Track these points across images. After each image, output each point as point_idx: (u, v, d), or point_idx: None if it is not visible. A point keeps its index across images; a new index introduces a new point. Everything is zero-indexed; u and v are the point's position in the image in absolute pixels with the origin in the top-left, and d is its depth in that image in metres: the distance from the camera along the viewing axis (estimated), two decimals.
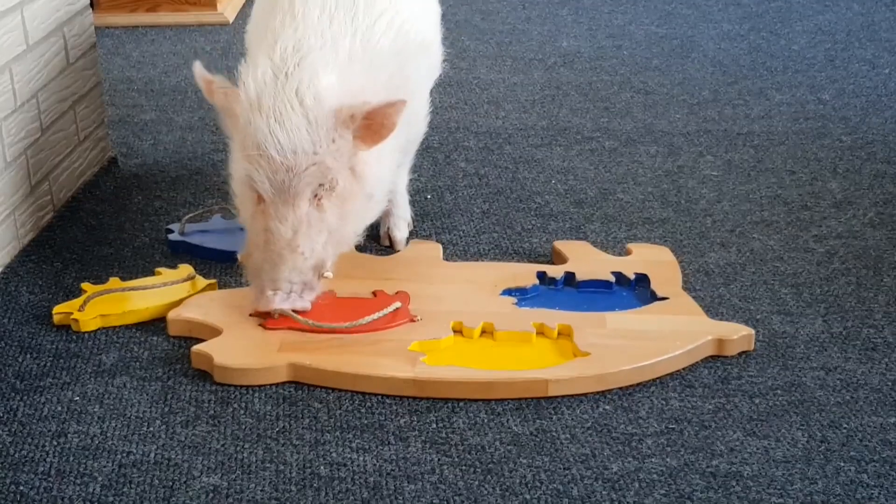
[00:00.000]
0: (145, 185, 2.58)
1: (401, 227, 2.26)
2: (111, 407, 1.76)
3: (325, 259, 1.91)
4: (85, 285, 2.03)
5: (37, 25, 2.33)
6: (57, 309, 1.98)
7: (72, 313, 1.97)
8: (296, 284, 1.89)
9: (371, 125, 1.86)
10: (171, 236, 2.27)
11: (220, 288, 2.10)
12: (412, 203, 2.44)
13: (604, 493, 1.57)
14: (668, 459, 1.64)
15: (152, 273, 2.14)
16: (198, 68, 1.96)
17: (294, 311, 1.89)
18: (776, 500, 1.56)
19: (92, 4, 2.90)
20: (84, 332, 1.96)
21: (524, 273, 2.09)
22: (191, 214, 2.33)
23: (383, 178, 2.00)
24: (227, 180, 2.00)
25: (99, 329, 1.97)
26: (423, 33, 2.10)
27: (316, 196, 1.87)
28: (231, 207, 2.01)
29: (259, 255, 1.89)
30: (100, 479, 1.59)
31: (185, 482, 1.59)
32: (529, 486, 1.58)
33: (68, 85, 2.49)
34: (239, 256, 1.95)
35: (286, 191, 1.85)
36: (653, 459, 1.64)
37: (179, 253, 2.25)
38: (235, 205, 1.99)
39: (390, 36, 2.00)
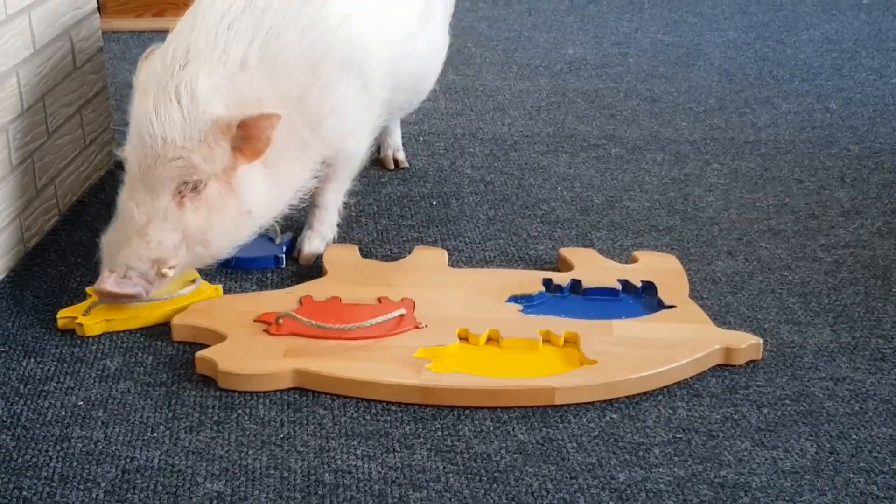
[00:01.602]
0: None
1: (312, 241, 2.23)
2: (115, 412, 1.75)
3: (169, 257, 1.92)
4: (90, 290, 2.02)
5: (44, 29, 2.32)
6: (62, 313, 1.98)
7: (76, 318, 1.96)
8: (132, 271, 1.91)
9: (247, 137, 1.91)
10: None
11: (224, 293, 2.09)
12: (418, 209, 2.44)
13: (611, 502, 1.56)
14: (675, 469, 1.62)
15: None
16: (147, 51, 2.04)
17: (129, 295, 1.92)
18: None
19: (99, 9, 2.89)
20: (88, 337, 1.95)
21: (530, 280, 2.08)
22: None
23: (267, 197, 2.01)
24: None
25: (103, 334, 1.96)
26: (351, 51, 2.06)
27: (179, 193, 1.91)
28: None
29: (114, 234, 1.95)
30: (103, 484, 1.58)
31: (188, 488, 1.58)
32: (535, 495, 1.57)
33: (75, 89, 2.49)
34: (102, 236, 1.99)
35: (150, 177, 1.90)
36: (660, 469, 1.63)
37: None
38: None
39: (303, 47, 2.00)
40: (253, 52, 1.96)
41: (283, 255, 2.23)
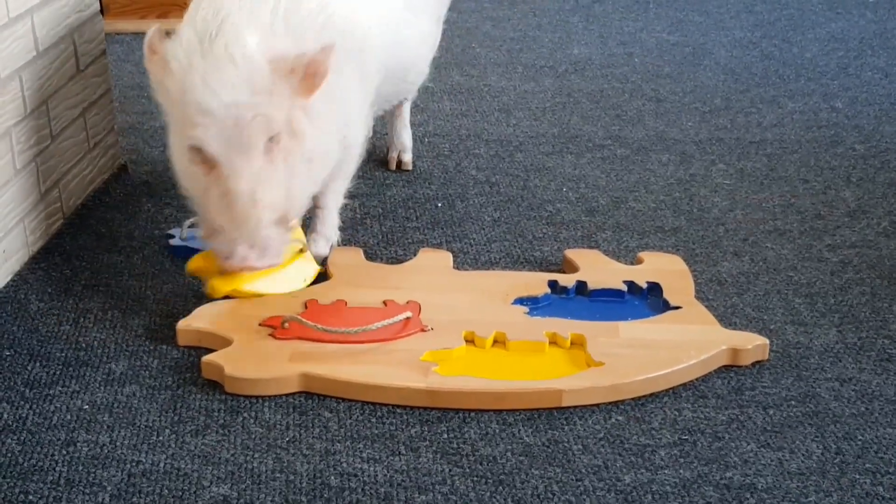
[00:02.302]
0: (155, 192, 2.57)
1: (318, 243, 2.21)
2: (120, 416, 1.75)
3: (286, 213, 1.92)
4: (225, 265, 1.97)
5: (47, 32, 2.32)
6: (194, 262, 2.02)
7: (210, 274, 1.99)
8: (264, 240, 1.91)
9: (306, 74, 1.88)
10: (173, 241, 2.27)
11: (227, 296, 2.09)
12: (423, 211, 2.43)
13: None
14: (681, 471, 1.62)
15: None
16: (152, 32, 1.96)
17: (252, 267, 1.92)
18: None
19: (102, 11, 2.89)
20: (92, 337, 1.95)
21: (536, 282, 2.08)
22: (192, 220, 2.32)
23: (323, 143, 2.00)
24: (175, 164, 2.00)
25: (109, 337, 1.96)
26: (354, 37, 2.05)
27: (266, 150, 1.88)
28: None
29: (222, 219, 1.90)
30: (109, 488, 1.58)
31: (194, 492, 1.58)
32: (541, 497, 1.57)
33: (78, 92, 2.49)
34: (200, 235, 1.97)
35: (237, 145, 1.86)
36: (666, 471, 1.62)
37: (181, 258, 2.24)
38: (183, 187, 2.00)
39: (318, 25, 1.98)
40: (278, 19, 1.94)
41: None
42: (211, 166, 1.89)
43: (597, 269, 2.12)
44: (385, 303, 2.00)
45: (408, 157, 2.69)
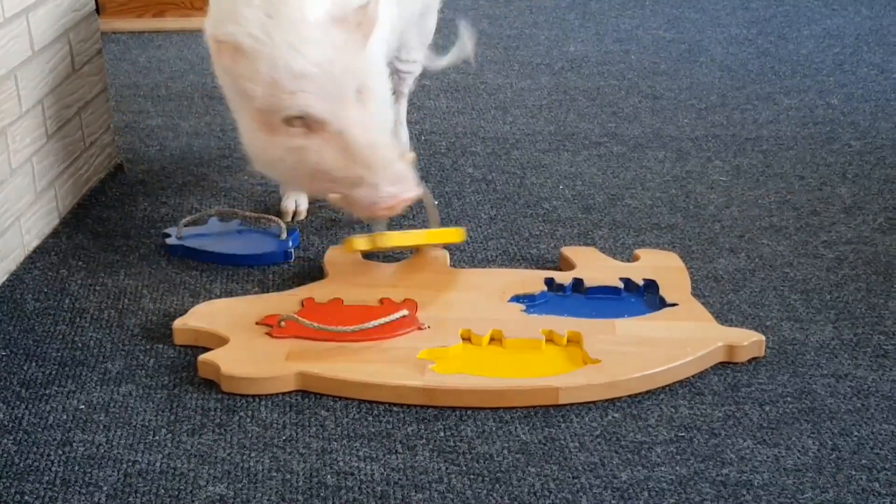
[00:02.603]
0: (151, 192, 2.57)
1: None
2: (117, 415, 1.75)
3: (400, 149, 2.00)
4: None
5: (42, 31, 2.32)
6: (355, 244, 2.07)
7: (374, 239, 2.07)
8: (402, 172, 1.95)
9: (364, 22, 1.94)
10: (169, 240, 2.27)
11: (224, 295, 2.09)
12: (420, 208, 2.43)
13: (613, 502, 1.55)
14: (677, 468, 1.62)
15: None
16: (208, 31, 1.98)
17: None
18: None
19: (98, 10, 2.89)
20: (88, 341, 1.95)
21: (532, 279, 2.08)
22: (188, 218, 2.33)
23: (384, 82, 2.14)
24: (267, 153, 1.99)
25: (105, 337, 1.96)
26: None
27: (360, 99, 1.93)
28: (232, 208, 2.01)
29: (354, 171, 1.92)
30: (105, 488, 1.58)
31: (191, 491, 1.58)
32: (538, 495, 1.57)
33: (74, 91, 2.49)
34: (330, 201, 2.02)
35: (338, 98, 1.90)
36: (662, 468, 1.62)
37: (177, 257, 2.24)
38: (283, 174, 2.06)
39: None
40: None
41: (292, 251, 2.23)
42: (315, 130, 1.91)
43: (593, 266, 2.12)
44: (381, 301, 2.00)
45: (406, 156, 2.70)
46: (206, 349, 1.89)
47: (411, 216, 2.41)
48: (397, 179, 1.94)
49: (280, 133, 1.93)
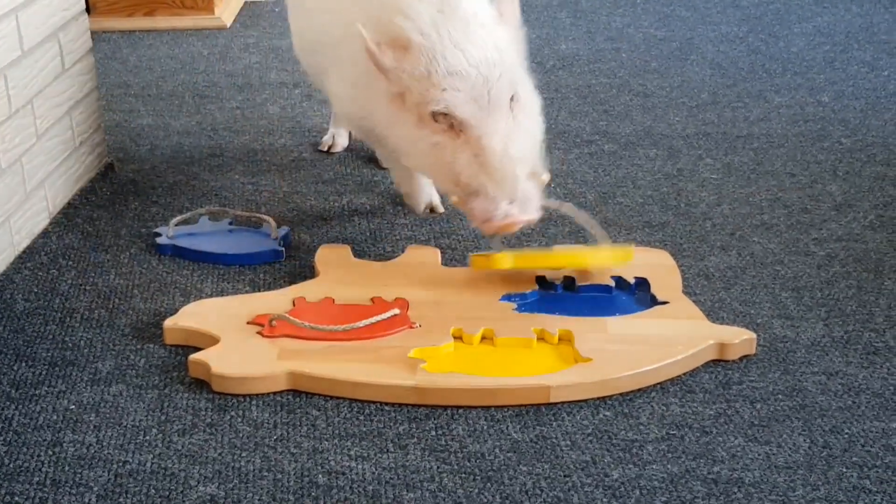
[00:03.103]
0: (142, 191, 2.57)
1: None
2: (107, 416, 1.75)
3: (536, 165, 1.94)
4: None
5: (32, 31, 2.31)
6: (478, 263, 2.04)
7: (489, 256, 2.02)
8: (527, 193, 1.92)
9: (517, 17, 1.99)
10: (160, 239, 2.27)
11: (215, 295, 2.09)
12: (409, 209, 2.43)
13: (604, 500, 1.55)
14: (669, 466, 1.62)
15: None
16: (364, 33, 1.93)
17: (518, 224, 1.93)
18: None
19: (88, 9, 2.88)
20: (79, 341, 1.94)
21: (523, 278, 2.08)
22: (179, 217, 2.33)
23: (535, 92, 2.06)
24: (414, 147, 1.99)
25: (96, 337, 1.96)
26: None
27: (511, 107, 1.92)
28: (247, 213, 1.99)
29: (478, 180, 1.90)
30: (96, 489, 1.58)
31: (181, 492, 1.57)
32: (529, 493, 1.57)
33: (64, 90, 2.48)
34: (451, 201, 2.01)
35: (487, 104, 1.89)
36: (654, 466, 1.62)
37: (168, 256, 2.24)
38: (427, 168, 2.03)
39: None
40: None
41: (283, 249, 2.23)
42: (457, 131, 1.91)
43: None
44: (373, 300, 2.00)
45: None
46: (197, 349, 1.88)
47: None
48: (519, 199, 1.91)
49: (426, 126, 1.94)
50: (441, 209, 2.40)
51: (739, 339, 1.88)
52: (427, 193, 2.39)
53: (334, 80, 2.17)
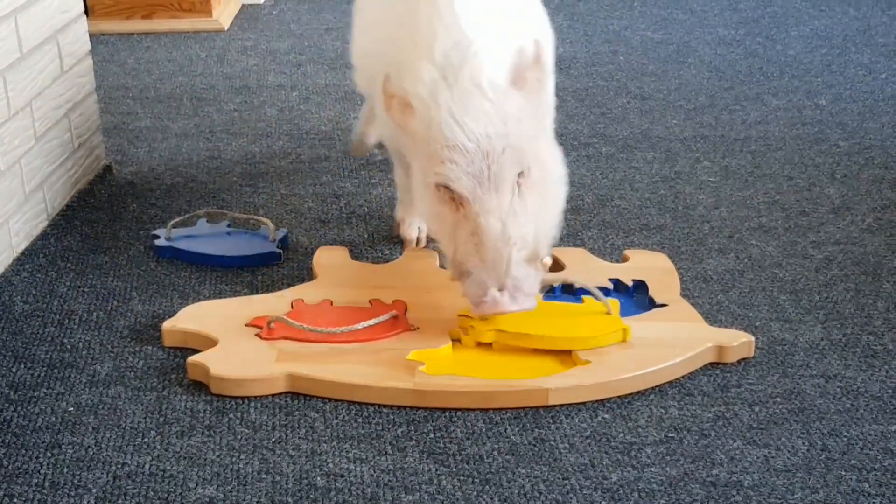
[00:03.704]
0: (140, 193, 2.57)
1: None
2: (105, 418, 1.75)
3: (537, 251, 1.81)
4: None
5: (31, 33, 2.31)
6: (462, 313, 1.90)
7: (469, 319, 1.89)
8: (519, 280, 1.78)
9: (540, 81, 1.84)
10: (158, 242, 2.27)
11: (213, 297, 2.09)
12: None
13: (603, 503, 1.55)
14: (667, 469, 1.62)
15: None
16: (384, 78, 1.88)
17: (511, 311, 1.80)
18: None
19: (86, 11, 2.88)
20: (78, 345, 1.94)
21: None
22: (176, 219, 2.33)
23: (561, 166, 1.93)
24: (420, 207, 1.91)
25: (94, 339, 1.96)
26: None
27: (517, 184, 1.79)
28: (218, 213, 1.98)
29: (472, 261, 1.79)
30: (94, 490, 1.58)
31: (180, 494, 1.57)
32: (528, 496, 1.57)
33: (63, 93, 2.48)
34: (451, 277, 1.88)
35: (487, 180, 1.78)
36: (652, 469, 1.62)
37: (166, 258, 2.24)
38: (432, 233, 1.92)
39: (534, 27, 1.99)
40: (516, 39, 1.87)
41: (280, 252, 2.23)
42: (459, 204, 1.80)
43: (582, 267, 2.12)
44: (371, 302, 2.00)
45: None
46: (196, 351, 1.88)
47: None
48: (510, 287, 1.78)
49: (432, 192, 1.84)
50: (420, 245, 2.30)
51: (738, 341, 1.88)
52: (417, 228, 2.30)
53: (376, 99, 2.07)
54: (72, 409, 1.77)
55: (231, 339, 1.88)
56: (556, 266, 2.15)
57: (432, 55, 1.84)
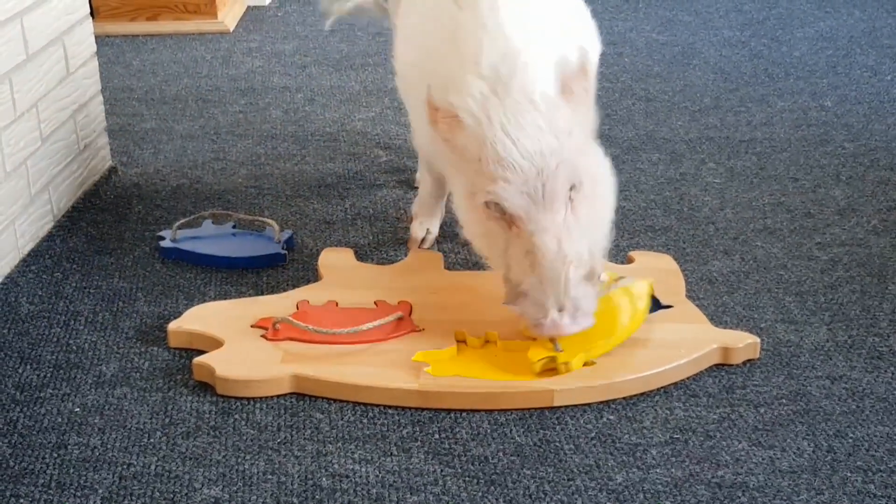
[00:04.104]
0: (145, 194, 2.57)
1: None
2: (111, 418, 1.75)
3: (594, 267, 1.76)
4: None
5: (36, 35, 2.32)
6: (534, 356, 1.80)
7: (555, 357, 1.79)
8: (578, 299, 1.73)
9: (587, 91, 1.80)
10: (163, 243, 2.27)
11: (219, 298, 2.09)
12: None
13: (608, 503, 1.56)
14: (672, 470, 1.62)
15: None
16: (429, 92, 1.82)
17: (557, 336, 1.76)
18: None
19: (92, 13, 2.89)
20: (84, 345, 1.95)
21: None
22: (182, 221, 2.33)
23: (611, 180, 1.88)
24: (466, 223, 1.87)
25: (100, 340, 1.96)
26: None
27: (570, 199, 1.75)
28: (225, 214, 1.97)
29: (528, 282, 1.74)
30: (100, 491, 1.58)
31: (186, 494, 1.57)
32: (533, 497, 1.57)
33: (68, 94, 2.48)
34: (504, 304, 1.81)
35: (541, 198, 1.72)
36: (657, 470, 1.62)
37: (172, 260, 2.24)
38: (481, 251, 1.87)
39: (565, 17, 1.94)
40: (563, 48, 1.82)
41: (286, 253, 2.24)
42: (511, 223, 1.75)
43: None
44: (376, 303, 2.00)
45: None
46: (201, 352, 1.89)
47: None
48: (570, 307, 1.73)
49: (480, 210, 1.79)
50: (425, 245, 2.29)
51: (743, 343, 1.88)
52: (426, 229, 2.29)
53: (414, 109, 2.05)
54: (78, 409, 1.77)
55: (236, 340, 1.89)
56: None
57: (480, 68, 1.79)
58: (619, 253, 2.26)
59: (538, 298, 1.74)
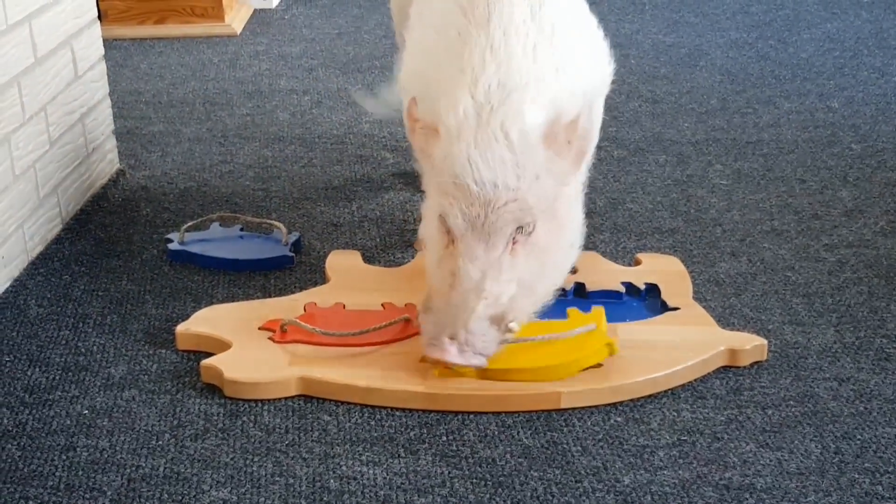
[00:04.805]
0: (153, 197, 2.58)
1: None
2: (120, 420, 1.75)
3: (508, 312, 1.74)
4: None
5: (45, 39, 2.33)
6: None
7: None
8: (473, 336, 1.72)
9: (571, 143, 1.76)
10: (171, 246, 2.28)
11: (227, 300, 2.10)
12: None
13: None
14: (680, 472, 1.62)
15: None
16: (410, 102, 1.86)
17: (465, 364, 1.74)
18: None
19: (100, 16, 2.90)
20: (91, 346, 1.95)
21: None
22: (189, 223, 2.34)
23: (581, 222, 1.88)
24: (423, 226, 1.91)
25: (108, 342, 1.97)
26: (599, 44, 2.04)
27: (513, 240, 1.74)
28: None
29: (440, 300, 1.75)
30: (109, 493, 1.59)
31: (194, 496, 1.58)
32: (541, 499, 1.57)
33: (76, 97, 2.49)
34: (419, 306, 1.84)
35: (480, 227, 1.72)
36: (665, 472, 1.62)
37: (180, 262, 2.25)
38: (424, 251, 1.90)
39: (584, 53, 1.93)
40: (567, 88, 1.82)
41: (293, 255, 2.24)
42: (451, 241, 1.76)
43: (595, 270, 2.12)
44: (383, 305, 2.01)
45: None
46: (209, 354, 1.89)
47: None
48: (462, 339, 1.71)
49: (436, 218, 1.80)
50: None
51: (750, 345, 1.88)
52: None
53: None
54: (86, 412, 1.78)
55: (244, 342, 1.89)
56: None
57: (475, 89, 1.79)
58: (626, 255, 2.26)
59: (439, 319, 1.73)
